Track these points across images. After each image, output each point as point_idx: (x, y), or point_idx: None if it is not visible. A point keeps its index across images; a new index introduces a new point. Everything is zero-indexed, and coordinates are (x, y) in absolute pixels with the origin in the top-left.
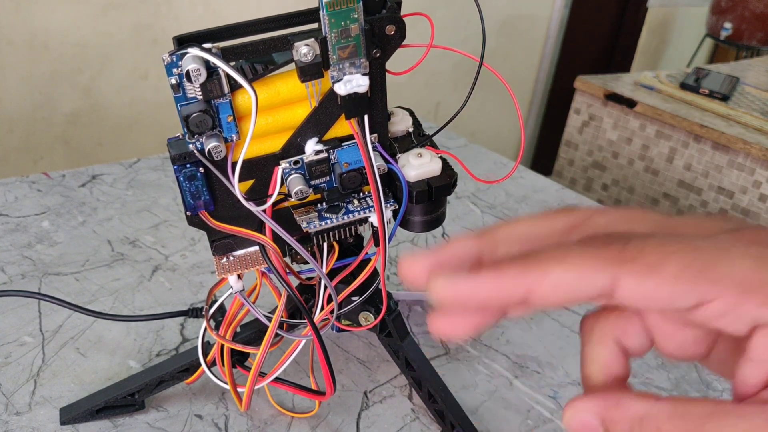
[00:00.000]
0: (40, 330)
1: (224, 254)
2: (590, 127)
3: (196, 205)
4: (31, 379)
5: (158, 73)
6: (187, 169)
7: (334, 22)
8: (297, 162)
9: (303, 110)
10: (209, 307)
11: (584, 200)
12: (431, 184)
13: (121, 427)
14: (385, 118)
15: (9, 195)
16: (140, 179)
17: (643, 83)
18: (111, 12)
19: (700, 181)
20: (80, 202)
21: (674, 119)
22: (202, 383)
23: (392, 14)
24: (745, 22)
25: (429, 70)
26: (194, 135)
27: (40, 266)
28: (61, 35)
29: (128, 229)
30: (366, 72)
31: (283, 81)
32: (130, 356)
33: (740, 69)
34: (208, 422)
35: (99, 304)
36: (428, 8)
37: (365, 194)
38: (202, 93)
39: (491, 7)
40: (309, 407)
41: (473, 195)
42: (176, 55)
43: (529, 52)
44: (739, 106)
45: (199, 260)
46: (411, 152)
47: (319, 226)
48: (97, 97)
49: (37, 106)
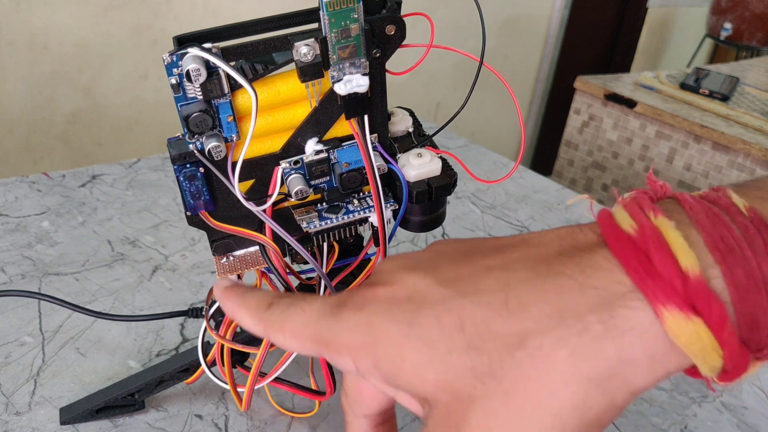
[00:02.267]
0: (40, 330)
1: (224, 254)
2: (590, 128)
3: (196, 205)
4: (31, 379)
5: (158, 73)
6: (187, 169)
7: (334, 21)
8: (297, 162)
9: (303, 110)
10: (209, 307)
11: (584, 200)
12: (431, 184)
13: (121, 427)
14: (385, 118)
15: (9, 195)
16: (140, 179)
17: (643, 83)
18: (111, 12)
19: (700, 182)
20: (80, 202)
21: (674, 119)
22: (202, 383)
23: (392, 14)
24: (745, 23)
25: (429, 70)
26: (194, 135)
27: (40, 266)
28: (61, 35)
29: (128, 229)
30: (366, 72)
31: (283, 81)
32: (130, 356)
33: (740, 69)
34: (208, 422)
35: (99, 304)
36: (428, 8)
37: (365, 194)
38: (202, 93)
39: (491, 7)
40: (309, 407)
41: (473, 195)
42: (176, 55)
43: (529, 52)
44: (739, 106)
45: (199, 260)
46: (411, 152)
47: (319, 226)
48: (97, 97)
49: (37, 106)
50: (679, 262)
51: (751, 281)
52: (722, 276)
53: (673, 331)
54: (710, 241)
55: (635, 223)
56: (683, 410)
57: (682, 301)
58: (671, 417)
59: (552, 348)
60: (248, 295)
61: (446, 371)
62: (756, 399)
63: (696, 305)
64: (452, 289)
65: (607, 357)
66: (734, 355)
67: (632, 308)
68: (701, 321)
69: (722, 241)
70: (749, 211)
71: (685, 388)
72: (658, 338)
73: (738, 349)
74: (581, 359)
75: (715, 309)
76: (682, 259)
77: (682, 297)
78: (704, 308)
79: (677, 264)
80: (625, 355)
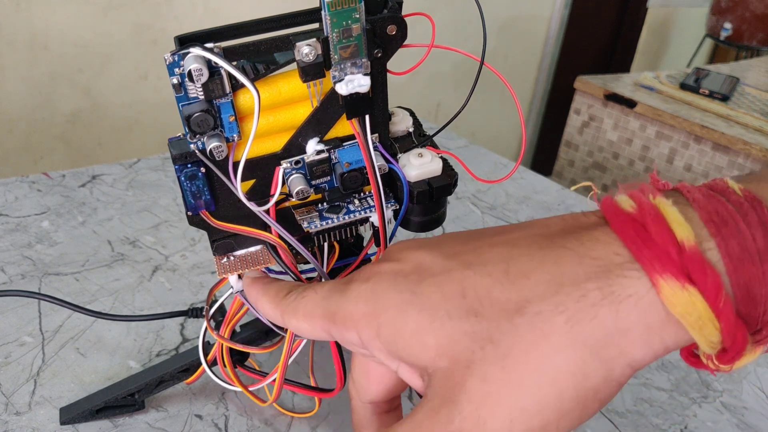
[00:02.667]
0: (40, 330)
1: (225, 254)
2: (590, 128)
3: (197, 204)
4: (31, 379)
5: (158, 74)
6: (189, 169)
7: (336, 21)
8: (298, 162)
9: (304, 110)
10: (209, 307)
11: (584, 201)
12: (432, 183)
13: (121, 427)
14: (386, 118)
15: (9, 195)
16: (140, 179)
17: (643, 83)
18: (111, 12)
19: (701, 182)
20: (80, 202)
21: (674, 120)
22: (202, 383)
23: (394, 14)
24: (745, 23)
25: (430, 70)
26: (196, 135)
27: (40, 266)
28: (61, 35)
29: (128, 230)
30: (367, 72)
31: (285, 81)
32: (130, 356)
33: (740, 69)
34: (208, 422)
35: (99, 304)
36: (429, 8)
37: (366, 194)
38: (203, 93)
39: (492, 7)
40: (309, 407)
41: (473, 196)
42: (178, 55)
43: (529, 52)
44: (739, 106)
45: (199, 260)
46: (412, 152)
47: (320, 226)
48: (97, 97)
49: (37, 106)
50: (675, 233)
51: (745, 253)
52: (717, 248)
53: (669, 300)
54: (705, 215)
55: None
56: (683, 410)
57: (678, 271)
58: (671, 417)
59: (550, 314)
60: (272, 284)
61: (445, 336)
62: (756, 399)
63: (691, 275)
64: (456, 261)
65: (604, 324)
66: (731, 326)
67: (629, 277)
68: (696, 290)
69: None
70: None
71: (685, 389)
72: (655, 307)
73: (734, 321)
74: (579, 325)
75: (710, 278)
76: (678, 231)
77: (678, 266)
78: (699, 278)
79: (673, 235)
80: (622, 323)
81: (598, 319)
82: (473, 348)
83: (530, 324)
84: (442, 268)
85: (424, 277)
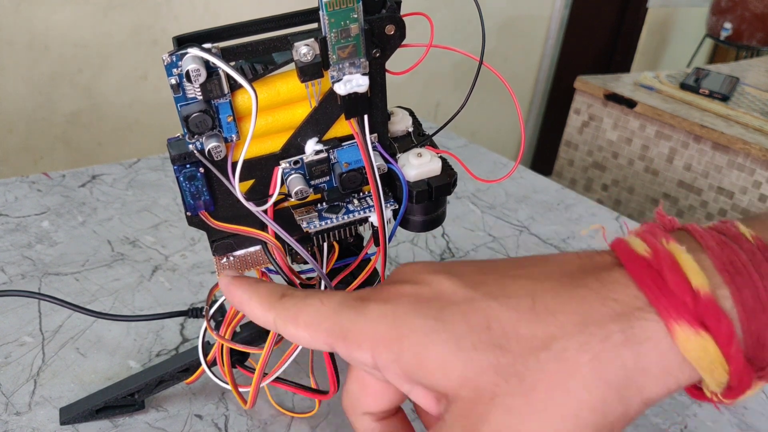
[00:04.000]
0: (40, 330)
1: (224, 254)
2: (590, 128)
3: (196, 205)
4: (31, 379)
5: (158, 74)
6: (187, 170)
7: (334, 21)
8: (297, 162)
9: (303, 110)
10: (209, 307)
11: (584, 200)
12: (431, 183)
13: (121, 427)
14: (385, 117)
15: (9, 195)
16: (140, 179)
17: (643, 83)
18: (111, 12)
19: (700, 182)
20: (80, 202)
21: (674, 119)
22: (202, 383)
23: (392, 14)
24: (745, 23)
25: (429, 70)
26: (194, 135)
27: (40, 266)
28: (61, 36)
29: (128, 229)
30: (366, 72)
31: (283, 81)
32: (130, 356)
33: (740, 69)
34: (208, 422)
35: (99, 304)
36: (428, 8)
37: (365, 194)
38: (202, 93)
39: (491, 7)
40: (309, 407)
41: (473, 195)
42: (176, 56)
43: (529, 52)
44: (739, 106)
45: (199, 260)
46: (411, 152)
47: (319, 226)
48: (97, 97)
49: (37, 106)
50: (690, 281)
51: (758, 302)
52: (731, 296)
53: (684, 345)
54: (719, 264)
55: (649, 247)
56: (683, 410)
57: (693, 318)
58: (671, 417)
59: (576, 352)
60: (260, 285)
61: (471, 367)
62: (756, 399)
63: (705, 321)
64: (479, 291)
65: (625, 364)
66: (739, 370)
67: (648, 320)
68: (710, 336)
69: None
70: (756, 239)
71: None
72: (672, 350)
73: (743, 365)
74: (602, 365)
75: (724, 325)
76: (693, 279)
77: (693, 313)
78: (713, 324)
79: (689, 283)
80: (642, 364)
81: (621, 359)
82: (497, 381)
83: (556, 360)
84: (464, 297)
85: (446, 304)
